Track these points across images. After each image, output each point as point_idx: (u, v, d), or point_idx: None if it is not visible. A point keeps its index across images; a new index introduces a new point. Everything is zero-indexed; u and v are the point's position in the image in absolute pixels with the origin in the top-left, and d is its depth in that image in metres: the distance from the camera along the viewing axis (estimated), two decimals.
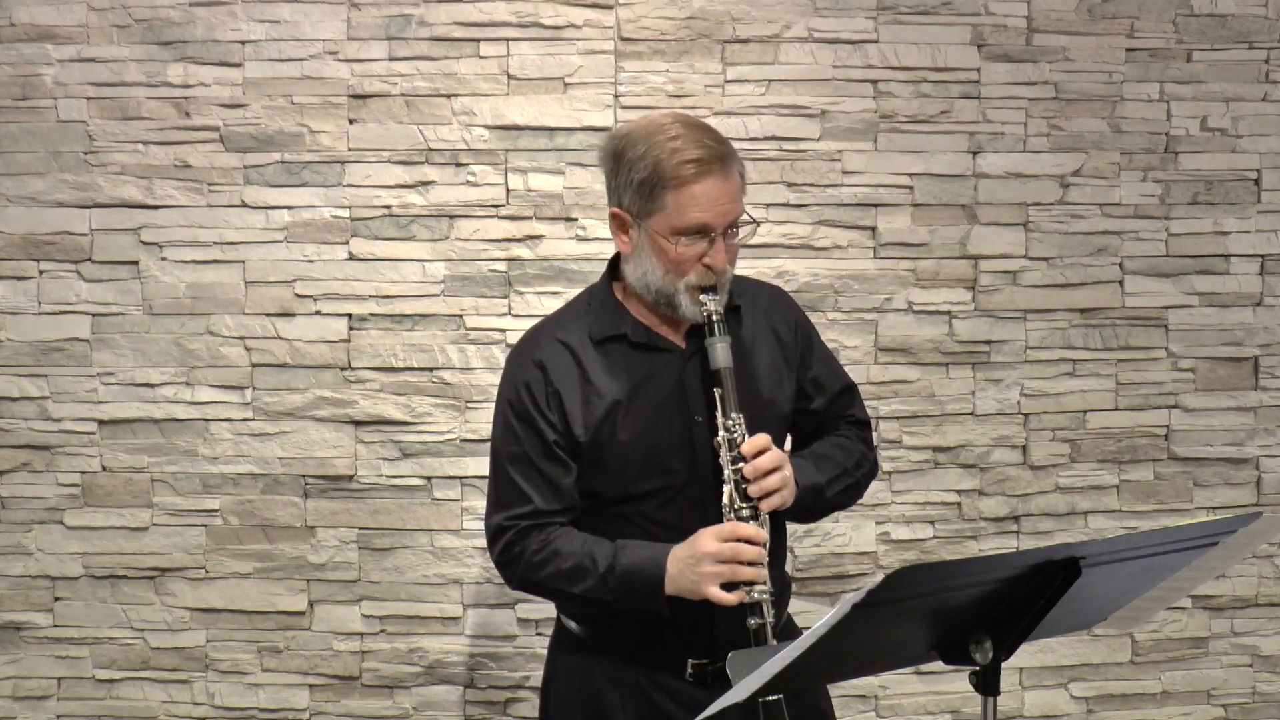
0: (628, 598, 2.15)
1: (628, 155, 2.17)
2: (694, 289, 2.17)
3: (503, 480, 2.25)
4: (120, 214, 3.21)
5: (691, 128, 2.17)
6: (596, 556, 2.16)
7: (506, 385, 2.28)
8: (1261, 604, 3.42)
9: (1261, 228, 3.37)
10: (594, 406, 2.22)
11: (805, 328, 2.43)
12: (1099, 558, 1.67)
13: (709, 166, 2.13)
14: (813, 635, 1.57)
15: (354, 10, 3.20)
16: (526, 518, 2.22)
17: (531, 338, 2.32)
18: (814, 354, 2.42)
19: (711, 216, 2.14)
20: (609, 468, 2.23)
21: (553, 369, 2.23)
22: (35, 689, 3.25)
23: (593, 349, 2.25)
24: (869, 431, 2.47)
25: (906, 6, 3.27)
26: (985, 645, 1.71)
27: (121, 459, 3.23)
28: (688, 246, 2.14)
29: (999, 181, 3.31)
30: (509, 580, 2.27)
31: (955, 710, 3.35)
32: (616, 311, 2.28)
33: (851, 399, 2.46)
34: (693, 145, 2.13)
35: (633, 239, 2.20)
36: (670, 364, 2.25)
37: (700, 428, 2.22)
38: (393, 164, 3.22)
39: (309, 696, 3.26)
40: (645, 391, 2.23)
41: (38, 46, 3.19)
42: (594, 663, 2.28)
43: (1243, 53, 3.35)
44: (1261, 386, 3.39)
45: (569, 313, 2.35)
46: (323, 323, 3.23)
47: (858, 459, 2.39)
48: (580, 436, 2.21)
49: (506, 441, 2.25)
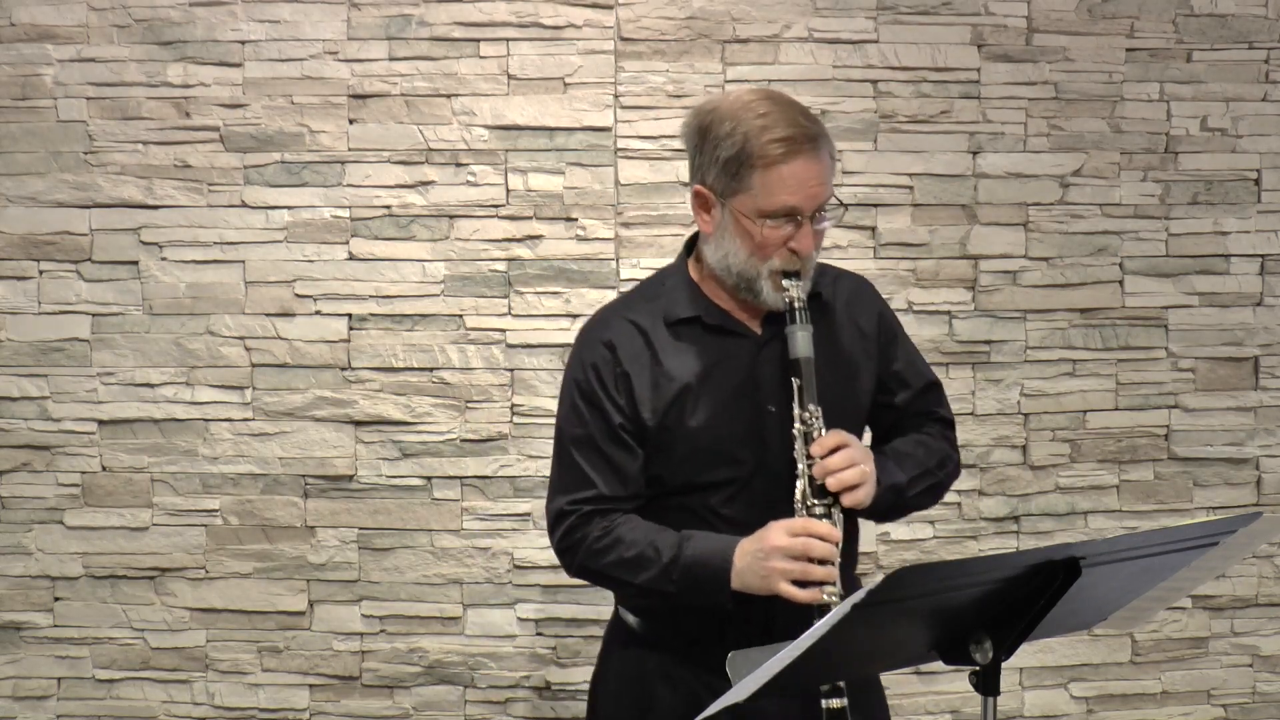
0: (691, 590, 2.06)
1: (714, 131, 2.06)
2: (777, 274, 2.07)
3: (566, 463, 2.17)
4: (120, 214, 3.21)
5: (782, 105, 2.06)
6: (660, 546, 2.07)
7: (574, 365, 2.19)
8: (1261, 604, 3.42)
9: (1261, 228, 3.37)
10: (663, 390, 2.12)
11: (888, 319, 2.32)
12: (1099, 558, 1.67)
13: (799, 146, 2.01)
14: (813, 635, 1.57)
15: (354, 10, 3.20)
16: (589, 503, 2.13)
17: (601, 317, 2.23)
18: (897, 347, 2.30)
19: (800, 199, 2.03)
20: (676, 454, 2.13)
21: (622, 350, 2.14)
22: (35, 689, 3.25)
23: (665, 330, 2.15)
24: (953, 431, 2.36)
25: (906, 6, 3.28)
26: (985, 645, 1.71)
27: (121, 459, 3.23)
28: (773, 229, 2.05)
29: (999, 181, 3.31)
30: (568, 567, 2.19)
31: (955, 710, 3.35)
32: (692, 292, 2.17)
33: (936, 396, 2.34)
34: (782, 123, 2.02)
35: (715, 219, 2.10)
36: (745, 350, 2.15)
37: (772, 418, 2.12)
38: (393, 164, 3.22)
39: (309, 696, 3.26)
40: (717, 377, 2.13)
41: (38, 46, 3.19)
42: (647, 659, 2.21)
43: (1243, 53, 3.35)
44: (1261, 386, 3.39)
45: (641, 293, 2.25)
46: (323, 323, 3.23)
47: (940, 459, 2.27)
48: (648, 420, 2.12)
49: (571, 423, 2.16)
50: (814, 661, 1.62)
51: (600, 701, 2.32)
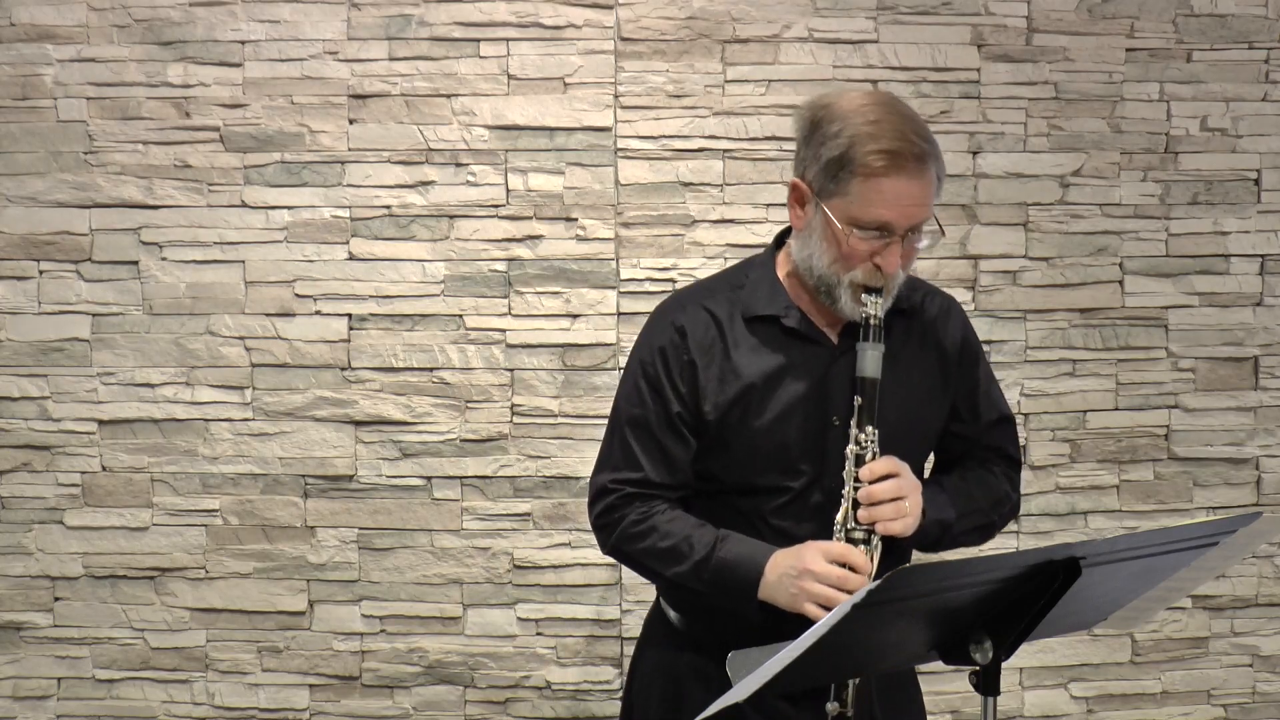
0: (718, 591, 2.05)
1: (823, 128, 2.00)
2: (858, 286, 2.01)
3: (618, 440, 2.14)
4: (120, 214, 3.21)
5: (896, 115, 1.99)
6: (695, 542, 2.05)
7: (642, 345, 2.16)
8: (1261, 604, 3.42)
9: (1261, 228, 3.37)
10: (729, 385, 2.08)
11: (973, 346, 2.24)
12: (1099, 558, 1.66)
13: (903, 162, 1.95)
14: (813, 635, 1.56)
15: (354, 10, 3.20)
16: (633, 484, 2.11)
17: (677, 300, 2.18)
18: (978, 374, 2.23)
19: (894, 215, 1.97)
20: (733, 453, 2.10)
21: (693, 337, 2.10)
22: (35, 689, 3.25)
23: (741, 325, 2.11)
24: (1018, 471, 2.28)
25: (906, 6, 3.28)
26: (985, 645, 1.71)
27: (121, 459, 3.23)
28: (861, 240, 1.98)
29: (999, 181, 3.31)
30: (602, 544, 2.17)
31: (955, 710, 3.35)
32: (774, 289, 2.13)
33: (1007, 432, 2.27)
34: (892, 136, 1.95)
35: (807, 215, 2.04)
36: (819, 357, 2.10)
37: (836, 431, 2.06)
38: (393, 164, 3.22)
39: (309, 696, 3.26)
40: (786, 381, 2.09)
41: (38, 46, 3.19)
42: (683, 655, 2.19)
43: (1243, 53, 3.35)
44: (1261, 386, 3.39)
45: (722, 281, 2.19)
46: (323, 323, 3.23)
47: (998, 499, 2.22)
48: (709, 414, 2.09)
49: (631, 402, 2.13)
50: (814, 661, 1.62)
51: (635, 693, 2.29)
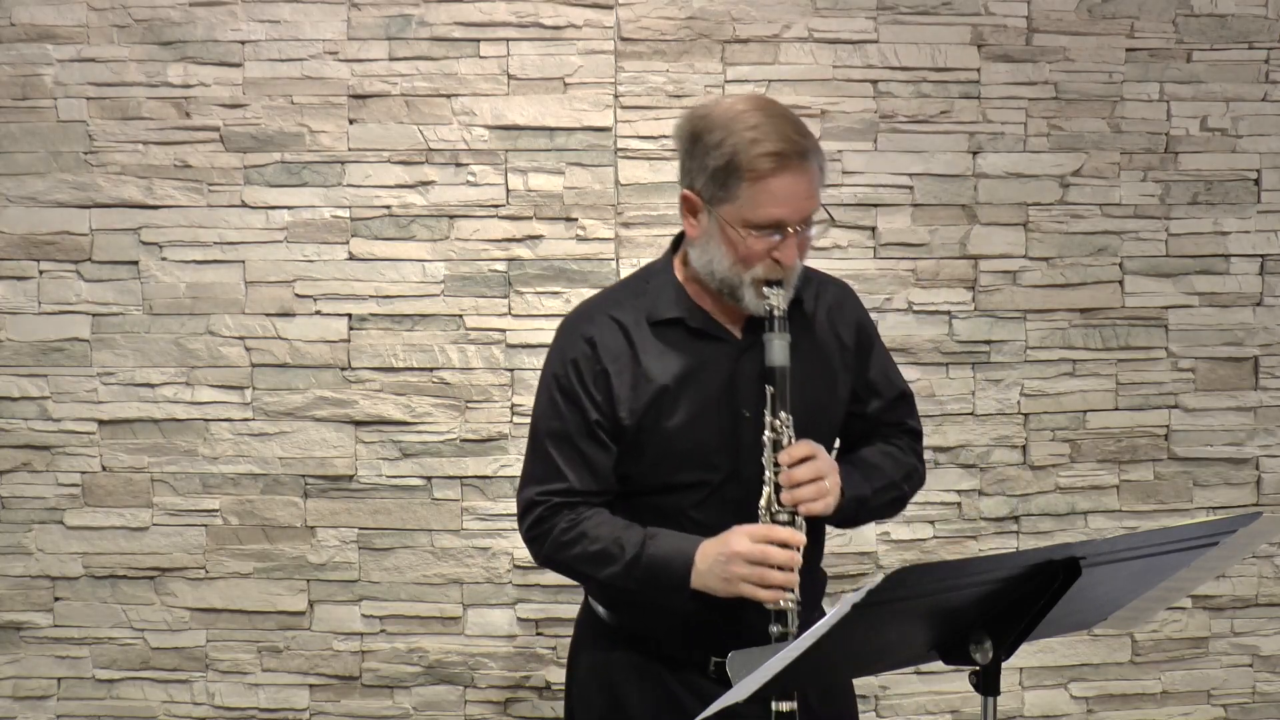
0: (651, 588, 2.10)
1: (705, 139, 2.07)
2: (759, 281, 2.09)
3: (540, 455, 2.19)
4: (120, 214, 3.21)
5: (773, 117, 2.06)
6: (624, 543, 2.10)
7: (554, 359, 2.21)
8: (1261, 604, 3.42)
9: (1261, 228, 3.37)
10: (642, 390, 2.14)
11: (868, 329, 2.34)
12: (1099, 558, 1.67)
13: (788, 161, 2.03)
14: (813, 635, 1.56)
15: (354, 10, 3.20)
16: (559, 494, 2.16)
17: (584, 312, 2.25)
18: (873, 356, 2.33)
19: (786, 212, 2.05)
20: (650, 454, 2.16)
21: (603, 347, 2.16)
22: (35, 689, 3.25)
23: (648, 330, 2.17)
24: (920, 443, 2.39)
25: (906, 6, 3.28)
26: (985, 645, 1.71)
27: (121, 459, 3.23)
28: (758, 240, 2.06)
29: (999, 181, 3.31)
30: (535, 556, 2.22)
31: (955, 710, 3.35)
32: (677, 293, 2.19)
33: (907, 407, 2.38)
34: (773, 137, 2.02)
35: (701, 224, 2.11)
36: (725, 354, 2.17)
37: (747, 424, 2.14)
38: (393, 164, 3.22)
39: (309, 696, 3.26)
40: (696, 380, 2.15)
41: (38, 46, 3.19)
42: (616, 649, 2.24)
43: (1243, 53, 3.35)
44: (1261, 386, 3.39)
45: (626, 289, 2.26)
46: (323, 323, 3.23)
47: (907, 471, 2.31)
48: (625, 420, 2.14)
49: (548, 416, 2.19)
50: (814, 661, 1.62)
51: (575, 696, 2.34)
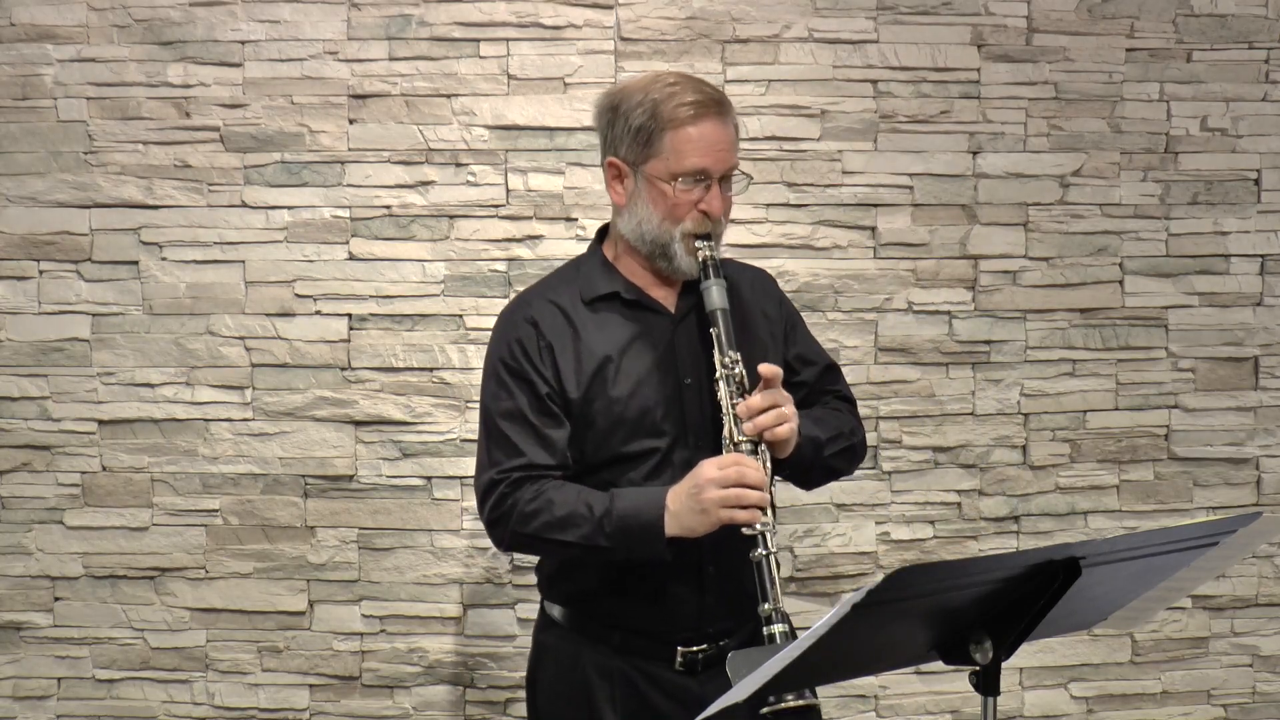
0: (626, 542, 2.10)
1: (624, 104, 2.19)
2: (689, 236, 2.18)
3: (495, 437, 2.21)
4: (120, 214, 3.21)
5: (687, 77, 2.21)
6: (592, 503, 2.12)
7: (497, 344, 2.26)
8: (1261, 604, 3.42)
9: (1261, 228, 3.37)
10: (585, 363, 2.20)
11: (789, 306, 2.47)
12: (1099, 558, 1.67)
13: (706, 109, 2.15)
14: (813, 635, 1.56)
15: (354, 10, 3.20)
16: (519, 469, 2.17)
17: (521, 300, 2.32)
18: (798, 331, 2.45)
19: (710, 161, 2.15)
20: (598, 426, 2.20)
21: (545, 326, 2.22)
22: (35, 689, 3.25)
23: (584, 309, 2.25)
24: (856, 409, 2.48)
25: (906, 6, 3.28)
26: (985, 645, 1.71)
27: (121, 459, 3.23)
28: (685, 191, 2.16)
29: (999, 181, 3.31)
30: (499, 539, 2.22)
31: (955, 710, 3.35)
32: (608, 271, 2.28)
33: (836, 376, 2.48)
34: (690, 90, 2.16)
35: (628, 189, 2.21)
36: (661, 326, 2.25)
37: (690, 390, 2.21)
38: (393, 164, 3.22)
39: (309, 696, 3.26)
40: (636, 350, 2.22)
41: (38, 46, 3.19)
42: (580, 652, 2.25)
43: (1243, 53, 3.35)
44: (1261, 386, 3.39)
45: (558, 277, 2.35)
46: (323, 323, 3.23)
47: (851, 427, 2.39)
48: (572, 393, 2.19)
49: (499, 399, 2.22)
50: (814, 661, 1.62)
51: (539, 697, 2.34)
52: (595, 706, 2.23)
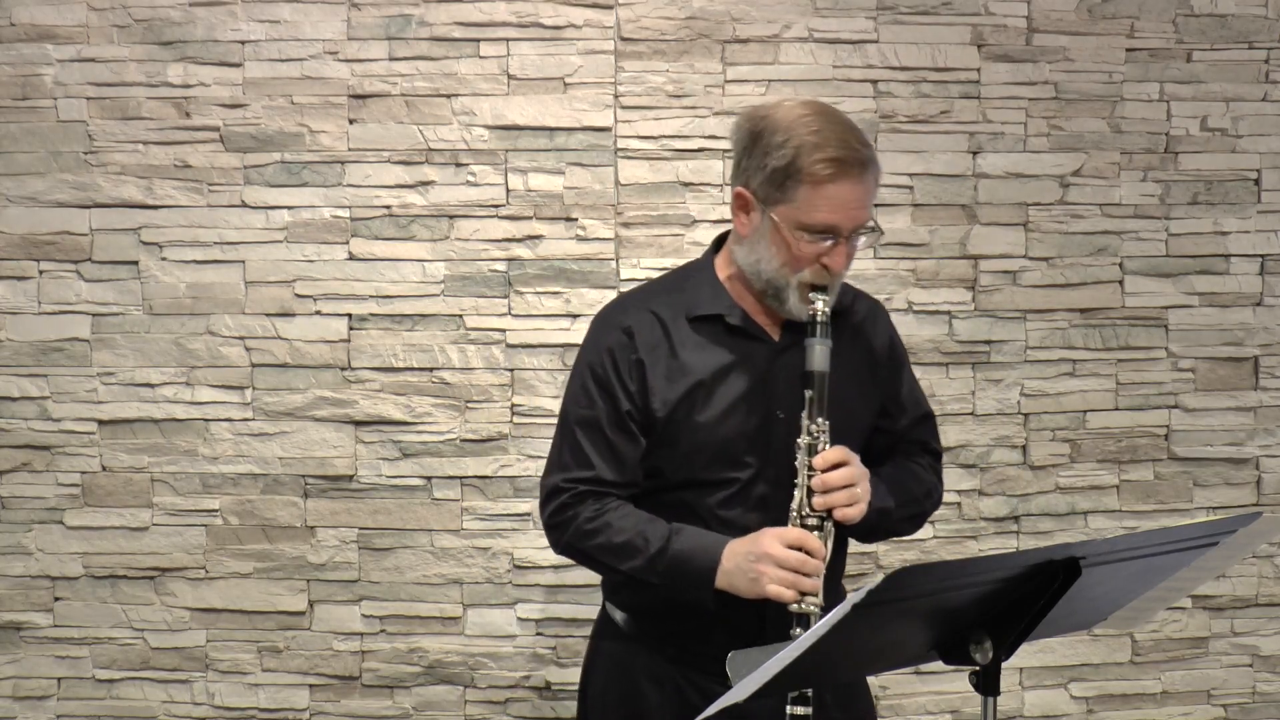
0: (675, 583, 2.09)
1: (766, 139, 2.09)
2: (805, 286, 2.11)
3: (568, 442, 2.19)
4: (120, 214, 3.21)
5: (835, 124, 2.09)
6: (649, 536, 2.10)
7: (589, 348, 2.22)
8: (1261, 604, 3.42)
9: (1261, 228, 3.37)
10: (677, 382, 2.15)
11: (899, 348, 2.38)
12: (1099, 558, 1.67)
13: (848, 169, 2.05)
14: (813, 635, 1.56)
15: (354, 10, 3.20)
16: (585, 483, 2.16)
17: (621, 304, 2.26)
18: (902, 374, 2.37)
19: (841, 219, 2.07)
20: (680, 448, 2.16)
21: (640, 337, 2.17)
22: (35, 689, 3.25)
23: (685, 325, 2.18)
24: (940, 463, 2.41)
25: (906, 6, 3.28)
26: (985, 645, 1.71)
27: (121, 459, 3.23)
28: (810, 244, 2.08)
29: (999, 181, 3.31)
30: (554, 544, 2.21)
31: (955, 710, 3.35)
32: (716, 290, 2.20)
33: (930, 427, 2.41)
34: (835, 143, 2.05)
35: (753, 222, 2.13)
36: (761, 354, 2.19)
37: (780, 424, 2.15)
38: (393, 164, 3.22)
39: (309, 696, 3.26)
40: (731, 376, 2.16)
41: (38, 46, 3.19)
42: (635, 657, 2.23)
43: (1243, 53, 3.35)
44: (1261, 386, 3.39)
45: (663, 285, 2.28)
46: (323, 323, 3.23)
47: (928, 489, 2.34)
48: (658, 411, 2.14)
49: (580, 404, 2.19)
50: (814, 661, 1.62)
51: (589, 700, 2.32)
52: (644, 714, 2.21)
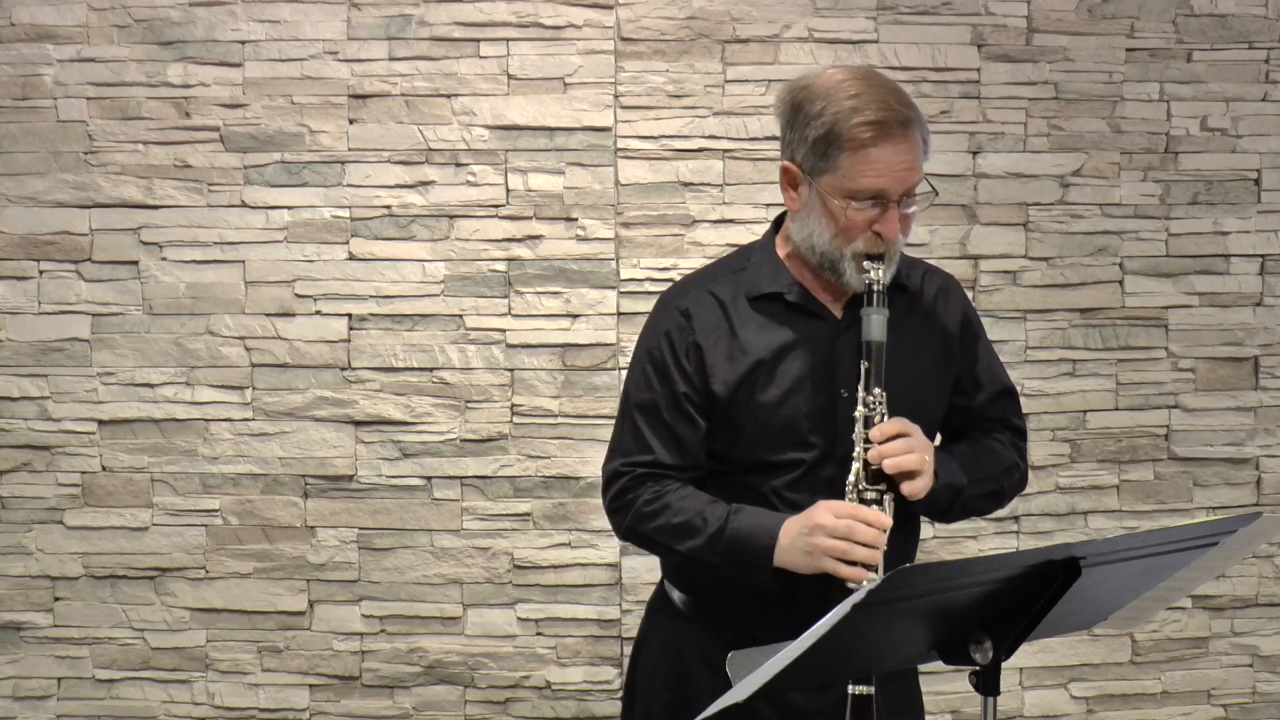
0: (734, 563, 2.06)
1: (805, 109, 2.05)
2: (860, 256, 2.04)
3: (628, 426, 2.17)
4: (120, 214, 3.21)
5: (875, 86, 2.04)
6: (708, 516, 2.07)
7: (648, 332, 2.19)
8: (1261, 604, 3.42)
9: (1261, 228, 3.37)
10: (738, 363, 2.11)
11: (973, 320, 2.29)
12: (1099, 558, 1.66)
13: (889, 130, 1.99)
14: (813, 635, 1.56)
15: (354, 10, 3.20)
16: (644, 466, 2.13)
17: (681, 287, 2.23)
18: (978, 347, 2.29)
19: (887, 182, 2.01)
20: (745, 430, 2.12)
21: (698, 320, 2.13)
22: (35, 689, 3.25)
23: (746, 304, 2.14)
24: (1024, 441, 2.32)
25: (906, 6, 3.28)
26: (985, 645, 1.71)
27: (121, 459, 3.23)
28: (859, 211, 2.03)
29: (999, 181, 3.31)
30: (616, 528, 2.19)
31: (955, 710, 3.35)
32: (776, 269, 2.16)
33: (1011, 403, 2.32)
34: (874, 106, 2.00)
35: (802, 196, 2.09)
36: (823, 332, 2.13)
37: (845, 403, 2.09)
38: (393, 164, 3.22)
39: (309, 696, 3.26)
40: (793, 355, 2.12)
41: (38, 46, 3.19)
42: (691, 637, 2.19)
43: (1243, 53, 3.35)
44: (1261, 386, 3.39)
45: (724, 265, 2.23)
46: (323, 323, 3.23)
47: (1008, 466, 2.25)
48: (719, 392, 2.11)
49: (639, 388, 2.16)
50: (814, 661, 1.62)
51: (638, 676, 2.29)
52: (693, 696, 2.14)
